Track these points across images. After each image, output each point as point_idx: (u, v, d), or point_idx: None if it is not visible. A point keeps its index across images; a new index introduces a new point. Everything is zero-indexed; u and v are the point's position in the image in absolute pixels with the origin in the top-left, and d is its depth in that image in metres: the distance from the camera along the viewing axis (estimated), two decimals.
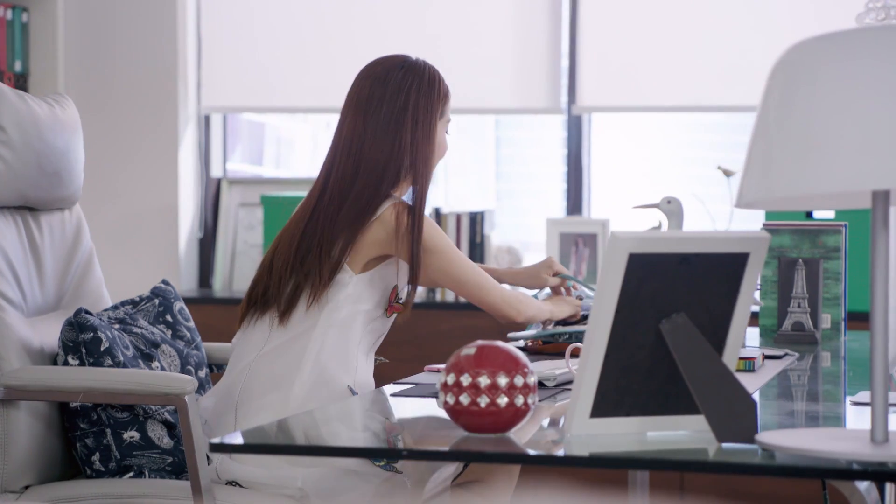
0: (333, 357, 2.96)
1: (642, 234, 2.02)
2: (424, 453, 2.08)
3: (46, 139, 3.13)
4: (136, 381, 2.88)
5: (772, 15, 5.13)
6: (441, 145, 3.13)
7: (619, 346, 2.05)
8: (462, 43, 5.40)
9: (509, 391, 2.06)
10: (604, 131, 5.69)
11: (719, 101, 5.19)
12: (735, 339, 2.11)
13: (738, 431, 2.00)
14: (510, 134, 6.72)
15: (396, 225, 2.99)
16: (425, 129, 3.07)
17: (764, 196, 1.91)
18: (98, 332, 2.98)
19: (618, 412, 2.09)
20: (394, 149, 3.05)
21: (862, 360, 3.38)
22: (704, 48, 5.17)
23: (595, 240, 5.16)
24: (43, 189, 3.14)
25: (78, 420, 3.03)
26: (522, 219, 6.31)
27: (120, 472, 3.01)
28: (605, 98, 5.30)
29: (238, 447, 2.02)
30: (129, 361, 3.01)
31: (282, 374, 2.95)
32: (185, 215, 5.51)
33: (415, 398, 2.52)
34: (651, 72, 5.23)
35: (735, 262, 2.07)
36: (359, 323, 3.01)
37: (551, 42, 5.33)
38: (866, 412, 2.38)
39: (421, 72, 3.14)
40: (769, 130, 1.91)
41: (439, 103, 3.11)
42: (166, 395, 2.84)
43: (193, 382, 2.85)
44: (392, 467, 2.86)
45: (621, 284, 2.02)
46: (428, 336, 5.07)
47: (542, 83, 5.35)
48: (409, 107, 3.08)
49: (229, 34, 5.54)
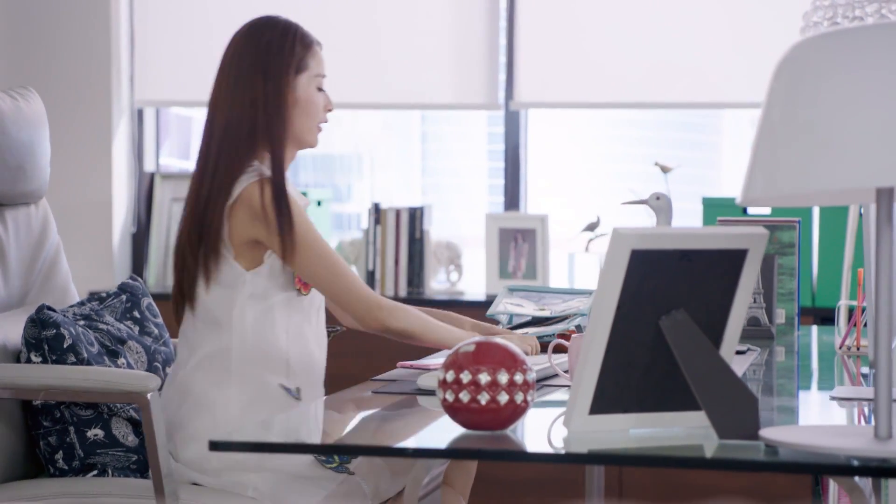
0: (257, 363, 2.85)
1: (644, 231, 2.02)
2: (427, 451, 2.07)
3: (9, 132, 3.07)
4: (97, 378, 2.83)
5: (708, 13, 5.17)
6: (307, 101, 2.95)
7: (618, 343, 2.05)
8: (400, 38, 5.38)
9: (509, 388, 2.06)
10: (540, 127, 5.70)
11: (656, 97, 5.21)
12: (732, 335, 2.12)
13: (740, 428, 2.00)
14: (436, 129, 6.72)
15: (261, 203, 2.82)
16: (276, 82, 2.92)
17: (769, 193, 1.91)
18: (61, 329, 2.93)
19: (616, 409, 2.09)
20: (244, 109, 2.90)
21: (817, 354, 3.42)
22: (641, 45, 5.19)
23: (534, 235, 5.17)
24: (6, 183, 3.09)
25: (41, 418, 2.98)
26: (450, 214, 6.31)
27: (83, 471, 2.96)
28: (542, 94, 5.30)
29: (241, 445, 1.99)
30: (94, 358, 2.97)
31: (205, 393, 2.86)
32: (119, 210, 5.44)
33: (396, 395, 2.50)
34: (588, 68, 5.25)
35: (734, 259, 2.08)
36: (274, 316, 2.87)
37: (489, 38, 5.33)
38: (828, 406, 2.41)
39: (273, 25, 2.99)
40: (774, 128, 1.92)
41: (293, 54, 2.95)
42: (128, 392, 2.79)
43: (156, 380, 2.80)
44: (345, 468, 2.81)
45: (623, 281, 2.02)
46: None
47: (479, 79, 5.34)
48: (259, 61, 2.94)
49: (162, 27, 5.48)
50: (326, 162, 7.39)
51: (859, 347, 3.15)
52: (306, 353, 2.92)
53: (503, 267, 5.17)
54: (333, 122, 7.45)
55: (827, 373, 3.04)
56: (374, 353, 5.02)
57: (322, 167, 7.38)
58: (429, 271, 5.20)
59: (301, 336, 2.92)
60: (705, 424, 2.11)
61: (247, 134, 2.89)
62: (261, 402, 2.85)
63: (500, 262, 5.17)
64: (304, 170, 7.26)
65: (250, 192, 2.84)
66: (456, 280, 5.28)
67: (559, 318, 3.19)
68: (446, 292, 5.23)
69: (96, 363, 2.97)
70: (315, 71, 2.97)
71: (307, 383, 2.92)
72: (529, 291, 3.34)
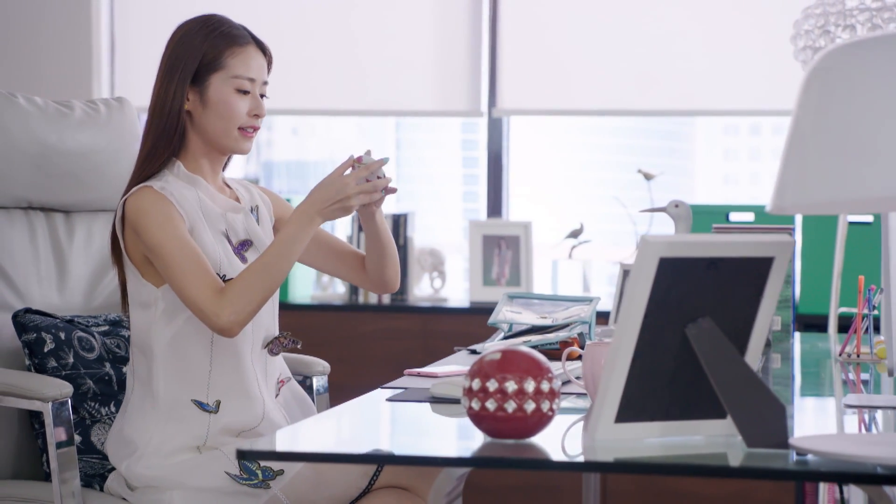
0: (175, 380, 2.76)
1: (673, 239, 2.02)
2: (455, 460, 2.06)
3: (80, 141, 3.16)
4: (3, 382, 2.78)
5: (690, 21, 5.18)
6: (219, 103, 2.80)
7: (645, 351, 2.05)
8: (383, 45, 5.37)
9: (536, 396, 2.05)
10: (521, 134, 5.70)
11: (639, 105, 5.22)
12: (757, 343, 2.12)
13: (768, 436, 2.00)
14: (411, 136, 6.71)
15: (135, 218, 2.73)
16: (180, 82, 2.80)
17: (801, 200, 1.91)
18: (42, 334, 2.90)
19: (641, 417, 2.09)
20: (153, 115, 2.81)
21: (812, 361, 3.43)
22: (625, 53, 5.20)
23: (517, 242, 5.17)
24: (70, 192, 3.17)
25: (33, 420, 2.96)
26: (426, 220, 6.30)
27: None
28: (525, 101, 5.30)
29: (267, 454, 1.97)
30: (85, 364, 2.92)
31: (129, 416, 2.80)
32: None
33: (410, 402, 2.49)
34: (571, 76, 5.25)
35: (760, 267, 2.08)
36: (193, 330, 2.77)
37: (472, 45, 5.33)
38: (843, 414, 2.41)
39: (194, 22, 2.86)
40: (805, 135, 1.92)
41: (201, 52, 2.80)
42: (28, 398, 2.73)
43: (57, 389, 2.72)
44: (264, 484, 2.73)
45: (651, 289, 2.01)
46: (350, 338, 5.04)
47: (462, 86, 5.34)
48: (168, 64, 2.82)
49: (143, 30, 5.45)
50: (301, 169, 7.37)
51: (859, 355, 3.15)
52: (234, 363, 2.81)
53: (487, 274, 5.16)
54: (308, 130, 7.45)
55: (828, 380, 3.05)
56: (379, 361, 5.01)
57: (296, 174, 7.36)
58: (412, 278, 5.18)
59: (232, 343, 2.80)
60: (729, 433, 2.11)
61: (153, 141, 2.81)
62: (175, 421, 2.77)
63: (484, 268, 5.16)
64: (279, 177, 7.24)
65: (129, 206, 2.76)
66: (439, 287, 5.27)
67: (559, 325, 3.18)
68: (429, 299, 5.22)
69: (86, 369, 2.92)
70: (234, 72, 2.81)
71: (235, 394, 2.80)
72: (529, 299, 3.33)
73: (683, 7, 5.19)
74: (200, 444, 2.77)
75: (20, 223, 3.11)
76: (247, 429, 2.81)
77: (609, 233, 5.57)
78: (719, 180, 7.73)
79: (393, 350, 5.02)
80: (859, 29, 3.82)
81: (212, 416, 2.79)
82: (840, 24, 3.87)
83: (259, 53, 2.86)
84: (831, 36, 3.87)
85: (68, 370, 2.92)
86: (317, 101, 5.47)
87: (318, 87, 5.41)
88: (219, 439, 2.78)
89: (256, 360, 2.85)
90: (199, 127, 2.83)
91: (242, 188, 2.97)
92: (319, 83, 5.40)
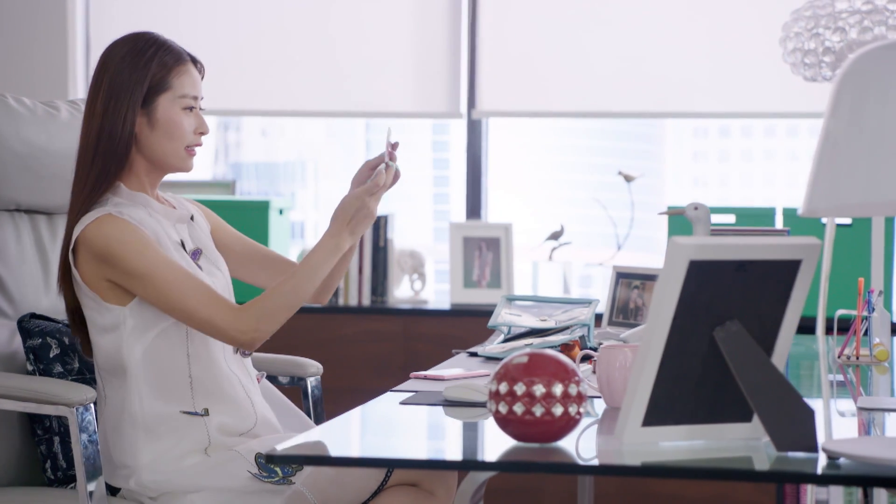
0: (157, 396, 2.74)
1: (702, 241, 2.01)
2: (484, 464, 2.04)
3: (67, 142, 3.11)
4: (24, 387, 2.73)
5: (670, 23, 5.19)
6: (168, 123, 2.78)
7: (672, 355, 2.04)
8: (361, 46, 5.35)
9: (564, 400, 2.04)
10: (500, 135, 5.69)
11: (619, 107, 5.22)
12: (783, 346, 2.11)
13: (798, 440, 2.00)
14: (381, 137, 6.69)
15: (102, 243, 2.69)
16: (118, 109, 2.75)
17: (833, 203, 1.91)
18: (48, 339, 2.87)
19: (668, 420, 2.08)
20: (88, 137, 2.77)
21: (804, 362, 3.43)
22: (604, 55, 5.20)
23: (498, 244, 5.15)
24: (55, 194, 3.13)
25: (35, 426, 2.92)
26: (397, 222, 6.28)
27: (66, 482, 2.90)
28: (504, 103, 5.30)
29: (294, 458, 1.95)
30: (90, 369, 2.90)
31: (122, 461, 2.76)
32: None
33: (424, 406, 2.47)
34: (551, 77, 5.25)
35: (788, 269, 2.07)
36: (168, 342, 2.75)
37: (451, 47, 5.32)
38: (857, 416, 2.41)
39: (129, 41, 2.81)
40: (839, 138, 1.92)
41: (146, 75, 2.77)
42: (54, 404, 2.69)
43: (83, 394, 2.69)
44: (286, 481, 2.73)
45: (680, 292, 2.01)
46: (330, 341, 5.01)
47: (441, 88, 5.32)
48: (112, 87, 2.77)
49: None
50: (270, 170, 7.34)
51: (859, 357, 3.16)
52: (213, 371, 2.79)
53: (468, 276, 5.15)
54: (277, 131, 7.42)
55: (816, 382, 3.05)
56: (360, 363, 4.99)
57: (265, 175, 7.33)
58: (392, 280, 5.16)
59: (207, 354, 2.79)
60: (753, 436, 2.10)
61: (102, 166, 2.77)
62: (168, 434, 2.75)
63: (465, 271, 5.15)
64: (248, 178, 7.21)
65: (92, 234, 2.71)
66: (420, 289, 5.25)
67: (559, 328, 3.17)
68: (410, 301, 5.20)
69: (90, 373, 2.90)
70: (180, 92, 2.79)
71: (218, 399, 2.79)
72: (528, 301, 3.32)
73: (664, 10, 5.19)
74: (206, 447, 2.76)
75: (8, 226, 3.07)
76: (243, 431, 2.80)
77: (584, 234, 5.57)
78: (689, 182, 7.76)
79: (374, 352, 5.00)
80: (850, 32, 3.84)
81: (205, 418, 2.77)
82: (830, 26, 3.88)
83: (195, 69, 2.86)
84: (821, 39, 3.88)
85: (74, 375, 2.88)
86: (294, 103, 5.44)
87: (295, 88, 5.38)
88: (223, 439, 2.77)
89: (234, 365, 2.84)
90: (146, 148, 2.81)
91: (173, 199, 2.95)
92: (296, 84, 5.37)
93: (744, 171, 7.73)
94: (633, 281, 3.50)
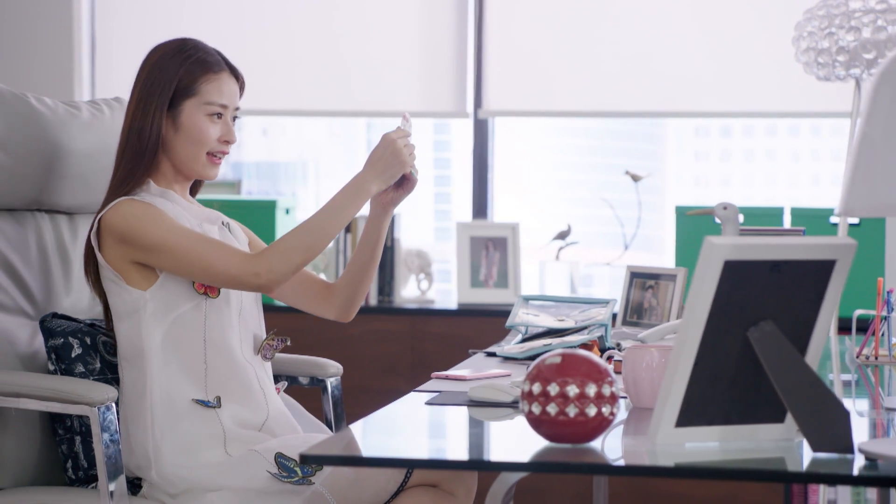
0: (173, 383, 2.76)
1: (737, 241, 2.00)
2: (516, 465, 2.03)
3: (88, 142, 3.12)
4: (46, 387, 2.74)
5: (677, 23, 5.18)
6: (191, 129, 2.83)
7: (706, 355, 2.03)
8: (367, 45, 5.34)
9: (597, 400, 2.03)
10: (506, 134, 5.68)
11: (626, 107, 5.22)
12: (816, 346, 2.10)
13: (833, 441, 1.99)
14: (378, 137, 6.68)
15: (121, 225, 2.75)
16: (147, 110, 2.81)
17: (871, 203, 1.91)
18: (69, 339, 2.86)
19: (701, 421, 2.07)
20: (122, 134, 2.84)
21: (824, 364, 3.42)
22: (611, 54, 5.20)
23: (505, 243, 5.14)
24: (76, 193, 3.12)
25: (56, 426, 2.91)
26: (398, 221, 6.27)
27: (87, 481, 2.89)
28: (511, 102, 5.29)
29: (330, 459, 1.94)
30: (112, 368, 2.88)
31: (133, 426, 2.77)
32: None
33: (449, 406, 2.46)
34: (558, 77, 5.24)
35: (822, 270, 2.06)
36: (185, 328, 2.78)
37: (457, 46, 5.31)
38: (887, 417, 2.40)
39: (170, 45, 2.86)
40: (876, 138, 1.91)
41: (175, 79, 2.82)
42: (76, 403, 2.69)
43: (105, 393, 2.69)
44: (306, 481, 2.73)
45: (714, 292, 2.00)
46: (337, 341, 5.00)
47: (448, 87, 5.31)
48: (144, 88, 2.83)
49: (124, 30, 5.40)
50: (272, 169, 7.32)
51: (878, 357, 3.15)
52: (228, 356, 2.80)
53: (475, 275, 5.14)
54: (278, 130, 7.40)
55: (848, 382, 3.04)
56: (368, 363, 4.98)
57: (267, 175, 7.31)
58: (399, 279, 5.15)
59: (223, 341, 2.80)
60: (788, 437, 2.10)
61: (130, 163, 2.82)
62: (183, 420, 2.76)
63: (472, 270, 5.13)
64: (249, 177, 7.19)
65: (110, 217, 2.77)
66: (426, 288, 5.24)
67: (577, 328, 3.16)
68: (416, 301, 5.19)
69: (112, 373, 2.89)
70: (206, 98, 2.83)
71: (231, 388, 2.80)
72: (545, 301, 3.31)
73: (671, 10, 5.19)
74: (224, 440, 2.75)
75: (29, 226, 3.07)
76: (256, 424, 2.79)
77: (588, 234, 5.56)
78: (690, 182, 7.75)
79: (382, 352, 4.99)
80: (864, 31, 3.83)
81: (217, 410, 2.78)
82: (844, 25, 3.87)
83: (232, 79, 2.90)
84: (835, 38, 3.87)
85: (96, 375, 2.87)
86: (299, 102, 5.42)
87: (300, 87, 5.37)
88: (239, 431, 2.76)
89: (252, 360, 2.86)
90: (170, 150, 2.86)
91: (207, 209, 2.99)
92: (301, 83, 5.36)
93: (745, 170, 7.72)
94: (646, 281, 3.49)
